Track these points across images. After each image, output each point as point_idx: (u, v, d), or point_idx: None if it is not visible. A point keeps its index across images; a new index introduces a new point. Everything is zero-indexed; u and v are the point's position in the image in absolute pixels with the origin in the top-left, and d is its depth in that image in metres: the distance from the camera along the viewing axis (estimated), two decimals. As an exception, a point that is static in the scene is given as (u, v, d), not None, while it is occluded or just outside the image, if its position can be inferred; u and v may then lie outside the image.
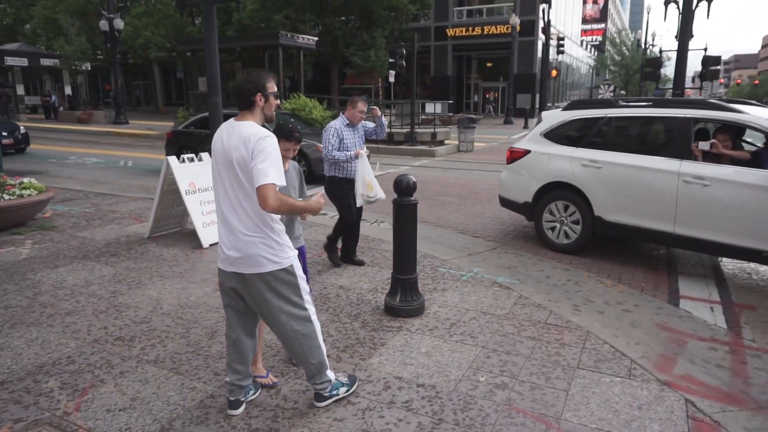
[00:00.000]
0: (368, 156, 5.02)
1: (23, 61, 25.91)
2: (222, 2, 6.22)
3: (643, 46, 43.34)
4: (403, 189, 4.01)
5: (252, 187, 2.46)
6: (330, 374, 2.89)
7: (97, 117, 25.39)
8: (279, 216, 2.65)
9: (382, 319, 4.07)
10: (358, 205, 5.08)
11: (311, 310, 2.79)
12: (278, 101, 2.73)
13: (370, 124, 5.35)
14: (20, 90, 27.64)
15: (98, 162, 13.94)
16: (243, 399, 2.87)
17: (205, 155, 6.59)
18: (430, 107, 19.98)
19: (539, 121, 6.12)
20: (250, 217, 2.55)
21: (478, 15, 33.61)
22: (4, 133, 15.08)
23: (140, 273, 5.13)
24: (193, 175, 6.26)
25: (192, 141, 11.43)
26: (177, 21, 30.13)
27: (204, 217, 6.19)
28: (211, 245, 6.05)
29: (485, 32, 32.23)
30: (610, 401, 2.98)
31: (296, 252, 2.77)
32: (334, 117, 17.25)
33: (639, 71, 39.98)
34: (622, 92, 46.36)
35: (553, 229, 5.89)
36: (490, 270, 5.28)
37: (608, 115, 5.47)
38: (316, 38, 21.30)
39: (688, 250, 5.34)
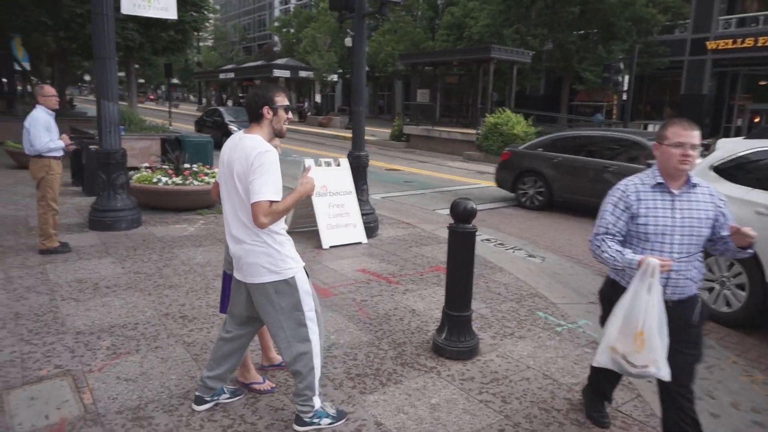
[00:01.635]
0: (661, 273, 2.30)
1: (286, 73, 30.98)
2: (371, 14, 6.37)
3: None
4: (460, 214, 3.53)
5: (249, 200, 2.48)
6: (316, 401, 2.71)
7: (334, 122, 28.79)
8: (282, 226, 2.61)
9: (422, 355, 3.65)
10: (596, 364, 2.54)
11: (312, 328, 2.66)
12: (289, 115, 2.68)
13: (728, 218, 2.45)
14: (283, 97, 33.08)
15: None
16: (208, 399, 2.88)
17: (344, 161, 6.85)
18: (651, 129, 17.37)
19: (713, 149, 4.77)
20: (248, 227, 2.55)
21: (753, 24, 27.97)
22: None
23: (252, 262, 5.58)
24: (327, 179, 6.57)
25: (541, 166, 9.35)
26: (416, 37, 32.25)
27: (330, 219, 6.45)
28: (331, 247, 6.28)
29: (760, 44, 26.66)
30: None
31: (301, 264, 2.67)
32: (539, 134, 16.35)
33: None
34: None
35: (710, 290, 4.52)
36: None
37: (807, 149, 3.95)
38: (532, 52, 20.47)
39: None
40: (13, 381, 3.10)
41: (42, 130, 5.23)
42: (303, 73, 32.28)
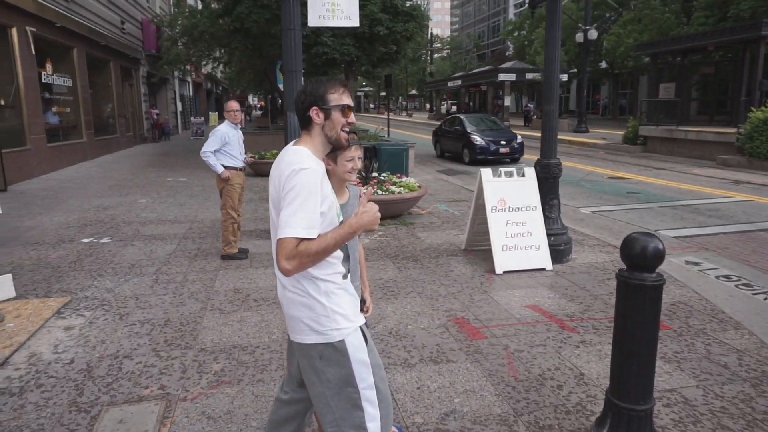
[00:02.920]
0: None
1: (512, 77, 29.87)
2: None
3: None
4: (636, 256, 2.33)
5: None
6: None
7: (561, 125, 26.58)
8: (338, 270, 1.93)
9: (572, 452, 2.55)
10: None
11: (370, 413, 1.93)
12: (349, 118, 1.94)
13: None
14: (507, 101, 32.03)
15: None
16: (262, 470, 2.35)
17: (529, 171, 5.79)
18: None
19: None
20: None
21: None
22: (503, 142, 15.16)
23: (408, 284, 5.00)
24: (505, 191, 5.61)
25: None
26: (665, 23, 27.83)
27: (507, 240, 5.48)
28: (505, 272, 5.32)
29: None
30: None
31: (356, 323, 1.95)
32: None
33: None
34: None
35: None
36: None
37: None
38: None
39: None
40: (118, 397, 3.07)
41: (212, 140, 5.52)
42: (530, 75, 30.77)
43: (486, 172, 5.68)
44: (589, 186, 11.23)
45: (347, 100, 1.94)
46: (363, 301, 2.49)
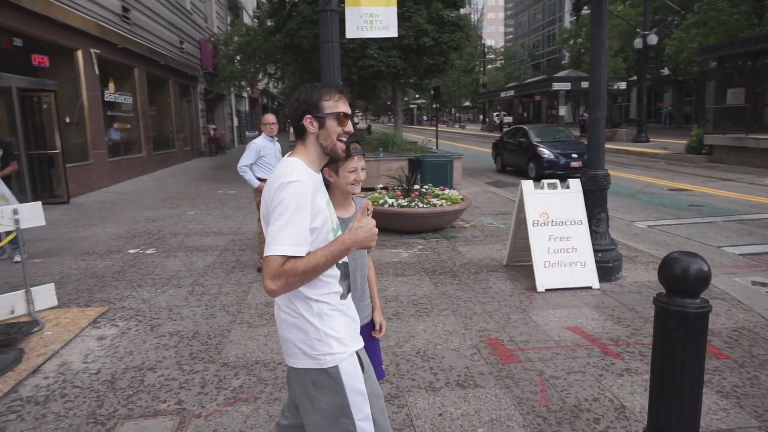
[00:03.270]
0: None
1: (566, 86, 29.04)
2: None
3: None
4: (676, 279, 2.06)
5: None
6: None
7: (619, 135, 25.55)
8: (335, 290, 1.80)
9: (605, 497, 2.28)
10: None
11: None
12: (345, 127, 1.80)
13: None
14: (562, 111, 31.11)
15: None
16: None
17: (574, 183, 5.48)
18: None
19: None
20: None
21: None
22: (574, 155, 13.70)
23: (443, 301, 4.80)
24: (547, 204, 5.32)
25: None
26: (733, 25, 26.25)
27: (549, 255, 5.18)
28: (547, 290, 5.02)
29: None
30: None
31: (353, 347, 1.81)
32: None
33: None
34: None
35: None
36: None
37: None
38: None
39: None
40: (135, 410, 3.05)
41: (248, 154, 5.59)
42: (585, 84, 29.79)
43: (527, 184, 5.41)
44: (647, 198, 10.60)
45: (343, 108, 1.81)
46: (373, 322, 2.35)
